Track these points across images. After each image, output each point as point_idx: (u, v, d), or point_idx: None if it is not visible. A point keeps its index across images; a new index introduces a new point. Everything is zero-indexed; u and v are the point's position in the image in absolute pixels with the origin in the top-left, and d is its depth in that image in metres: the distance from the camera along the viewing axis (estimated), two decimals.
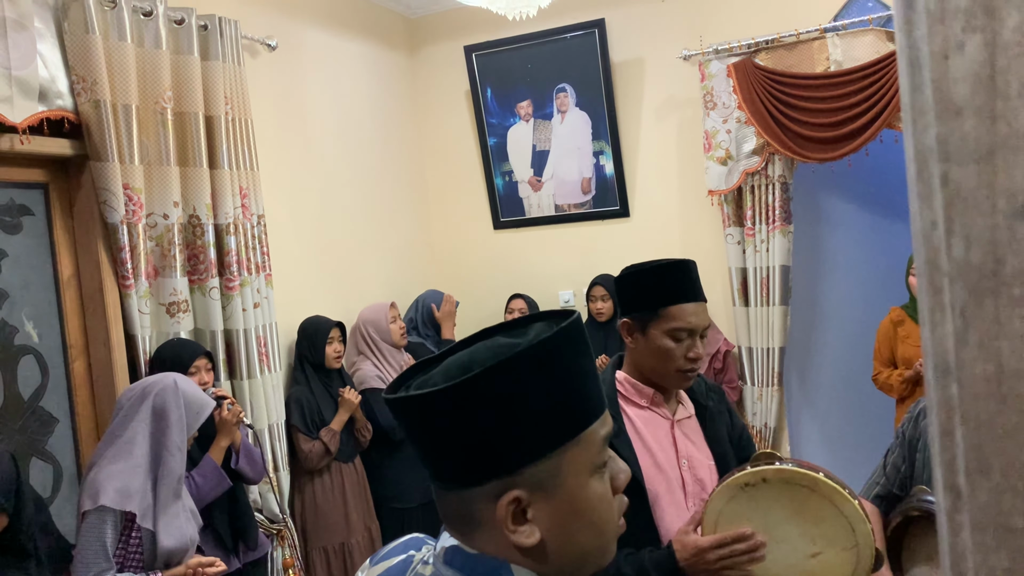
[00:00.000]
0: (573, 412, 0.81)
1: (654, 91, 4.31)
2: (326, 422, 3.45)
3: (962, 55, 0.32)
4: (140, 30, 2.85)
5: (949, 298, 0.33)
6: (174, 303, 2.92)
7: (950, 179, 0.33)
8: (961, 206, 0.32)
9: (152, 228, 2.89)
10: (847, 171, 4.22)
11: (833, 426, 4.72)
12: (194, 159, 3.02)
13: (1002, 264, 0.32)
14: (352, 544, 3.47)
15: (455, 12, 4.63)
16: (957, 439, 0.33)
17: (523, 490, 0.79)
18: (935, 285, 0.33)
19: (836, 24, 3.82)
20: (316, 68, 3.98)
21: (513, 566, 0.81)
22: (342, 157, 4.12)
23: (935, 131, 0.33)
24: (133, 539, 2.23)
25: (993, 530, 0.33)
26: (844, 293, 4.73)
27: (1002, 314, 0.32)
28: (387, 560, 0.95)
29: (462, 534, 0.83)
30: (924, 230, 0.33)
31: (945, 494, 0.34)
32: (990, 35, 0.31)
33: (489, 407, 0.77)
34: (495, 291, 4.61)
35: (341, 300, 3.95)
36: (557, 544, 0.81)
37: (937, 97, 0.33)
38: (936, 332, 0.33)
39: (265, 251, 3.32)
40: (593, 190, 4.47)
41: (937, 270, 0.33)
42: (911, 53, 0.33)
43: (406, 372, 0.88)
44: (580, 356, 0.82)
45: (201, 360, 2.82)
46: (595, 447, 0.82)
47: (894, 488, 1.85)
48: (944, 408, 0.33)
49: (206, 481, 2.71)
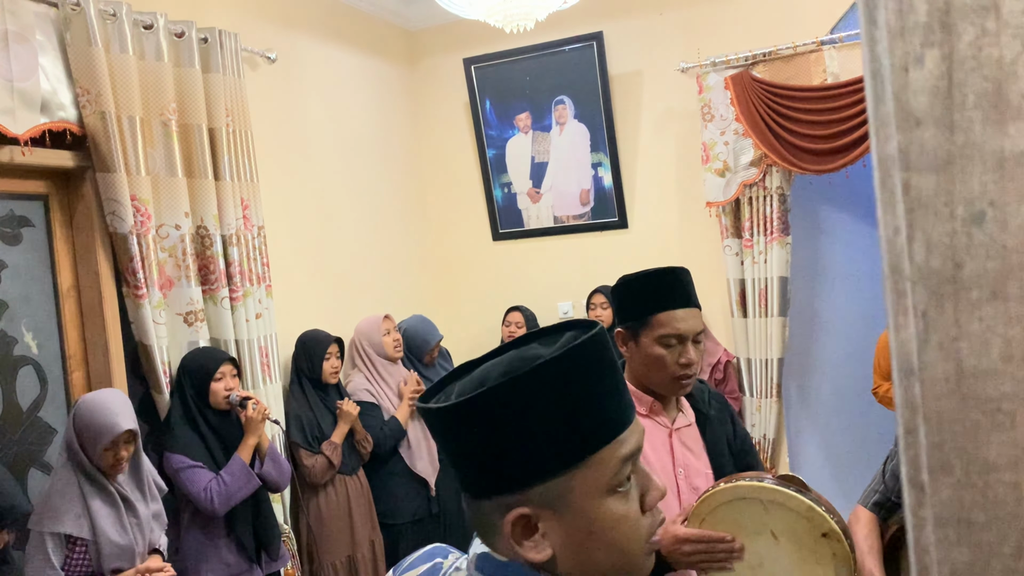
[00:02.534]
0: (582, 434, 0.78)
1: (652, 103, 4.33)
2: (326, 436, 3.43)
3: (921, 68, 0.33)
4: (141, 43, 2.87)
5: (912, 301, 0.34)
6: (191, 312, 2.97)
7: (911, 187, 0.34)
8: (921, 212, 0.34)
9: (163, 239, 2.92)
10: (845, 183, 4.23)
11: (832, 438, 4.72)
12: (200, 170, 3.04)
13: (960, 268, 0.33)
14: (358, 558, 3.46)
15: (454, 25, 4.66)
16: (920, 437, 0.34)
17: (530, 508, 0.78)
18: (898, 289, 0.34)
19: (833, 37, 3.84)
20: (316, 80, 4.00)
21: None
22: (341, 169, 4.14)
23: (896, 141, 0.34)
24: (78, 549, 2.27)
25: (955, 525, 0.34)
26: (842, 305, 4.74)
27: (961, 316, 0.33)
28: (414, 569, 0.94)
29: (488, 541, 0.83)
30: (888, 236, 0.35)
31: (910, 490, 0.35)
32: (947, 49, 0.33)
33: (491, 425, 0.77)
34: (494, 303, 4.62)
35: (339, 311, 3.96)
36: (573, 561, 0.80)
37: (898, 108, 0.34)
38: (900, 335, 0.35)
39: (265, 262, 3.34)
40: (592, 202, 4.49)
41: (900, 274, 0.34)
42: (874, 66, 0.34)
43: (446, 377, 0.88)
44: (596, 375, 0.79)
45: (226, 366, 2.89)
46: (610, 468, 0.79)
47: (892, 496, 1.85)
48: (908, 407, 0.35)
49: (235, 479, 2.74)
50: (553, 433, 0.77)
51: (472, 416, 0.77)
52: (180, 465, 2.75)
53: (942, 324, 0.34)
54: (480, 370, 0.84)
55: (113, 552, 2.29)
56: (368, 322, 3.85)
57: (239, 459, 2.80)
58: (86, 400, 2.37)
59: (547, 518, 0.79)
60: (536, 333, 0.88)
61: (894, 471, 1.86)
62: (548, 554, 0.79)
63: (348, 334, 3.86)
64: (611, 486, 0.79)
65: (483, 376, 0.81)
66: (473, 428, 0.78)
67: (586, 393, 0.78)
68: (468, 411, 0.77)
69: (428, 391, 0.88)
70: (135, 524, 2.39)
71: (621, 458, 0.80)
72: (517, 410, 0.76)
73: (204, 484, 2.72)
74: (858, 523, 1.86)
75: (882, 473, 1.90)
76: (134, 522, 2.39)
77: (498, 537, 0.81)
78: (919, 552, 0.35)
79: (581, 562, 0.80)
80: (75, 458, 2.31)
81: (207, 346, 3.01)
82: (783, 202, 4.02)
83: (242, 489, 2.76)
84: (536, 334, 0.88)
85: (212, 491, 2.71)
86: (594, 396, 0.79)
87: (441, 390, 0.87)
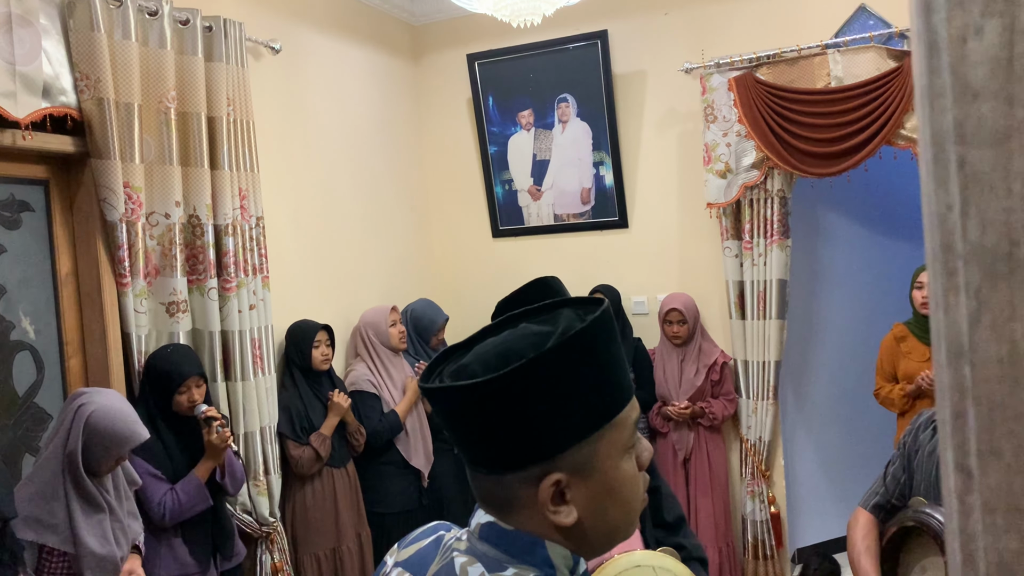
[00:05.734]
0: (610, 396, 0.84)
1: (655, 103, 4.33)
2: (315, 427, 3.42)
3: (980, 39, 0.32)
4: (145, 29, 2.85)
5: (963, 280, 0.33)
6: (173, 303, 2.92)
7: (967, 162, 0.33)
8: (977, 189, 0.33)
9: (153, 227, 2.89)
10: (846, 187, 4.23)
11: (827, 441, 4.72)
12: (196, 159, 3.02)
13: (1017, 247, 0.32)
14: (343, 550, 3.45)
15: (458, 20, 4.65)
16: (969, 420, 0.33)
17: (563, 473, 0.82)
18: (949, 267, 0.33)
19: (838, 40, 3.84)
20: (319, 72, 3.99)
21: (547, 543, 0.84)
22: (343, 161, 4.13)
23: (952, 114, 0.33)
24: (55, 557, 2.24)
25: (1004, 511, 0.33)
26: (840, 308, 4.74)
27: (1016, 296, 0.32)
28: (417, 543, 0.97)
29: (499, 513, 0.86)
30: (939, 213, 0.34)
31: (956, 475, 0.34)
32: (1008, 20, 0.32)
33: (532, 396, 0.80)
34: (494, 298, 4.57)
35: (338, 305, 3.95)
36: (592, 522, 0.85)
37: (954, 80, 0.33)
38: (949, 314, 0.34)
39: (263, 253, 3.32)
40: (592, 200, 4.48)
41: (951, 252, 0.33)
42: (929, 36, 0.33)
43: (436, 359, 0.90)
44: (613, 343, 0.85)
45: (192, 379, 2.78)
46: (628, 429, 0.86)
47: (893, 498, 1.86)
48: (956, 390, 0.34)
49: (188, 499, 2.71)
50: (587, 397, 0.82)
51: (511, 388, 0.79)
52: (140, 470, 2.70)
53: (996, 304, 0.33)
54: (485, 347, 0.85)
55: (94, 564, 2.27)
56: (375, 312, 3.86)
57: (196, 479, 2.74)
58: (101, 408, 2.30)
59: (575, 483, 0.83)
60: (522, 313, 0.91)
61: (895, 475, 1.87)
62: (575, 518, 0.83)
63: (345, 327, 3.85)
64: (627, 446, 0.86)
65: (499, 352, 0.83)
66: (510, 401, 0.80)
67: (611, 357, 0.84)
68: (508, 384, 0.79)
69: (422, 377, 0.89)
70: (118, 529, 2.37)
71: (635, 419, 0.88)
72: (558, 377, 0.80)
73: (159, 498, 2.68)
74: (857, 524, 1.88)
75: (883, 476, 1.91)
76: (117, 527, 2.37)
77: (520, 509, 0.84)
78: (964, 540, 0.34)
79: (598, 521, 0.85)
80: (70, 462, 2.26)
81: (178, 348, 2.87)
82: (784, 205, 4.02)
83: (195, 507, 2.73)
84: (522, 314, 0.91)
85: (166, 506, 2.68)
86: (617, 360, 0.85)
87: (433, 373, 0.89)
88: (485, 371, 0.81)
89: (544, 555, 0.84)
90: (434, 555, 0.92)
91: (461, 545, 0.88)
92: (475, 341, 0.90)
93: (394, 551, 1.00)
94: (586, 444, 0.82)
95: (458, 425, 0.85)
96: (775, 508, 4.18)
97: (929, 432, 1.80)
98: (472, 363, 0.84)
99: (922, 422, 1.85)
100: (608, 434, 0.84)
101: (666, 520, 1.89)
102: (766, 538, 4.16)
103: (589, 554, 0.87)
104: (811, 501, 4.63)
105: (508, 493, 0.84)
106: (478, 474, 0.86)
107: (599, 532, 0.86)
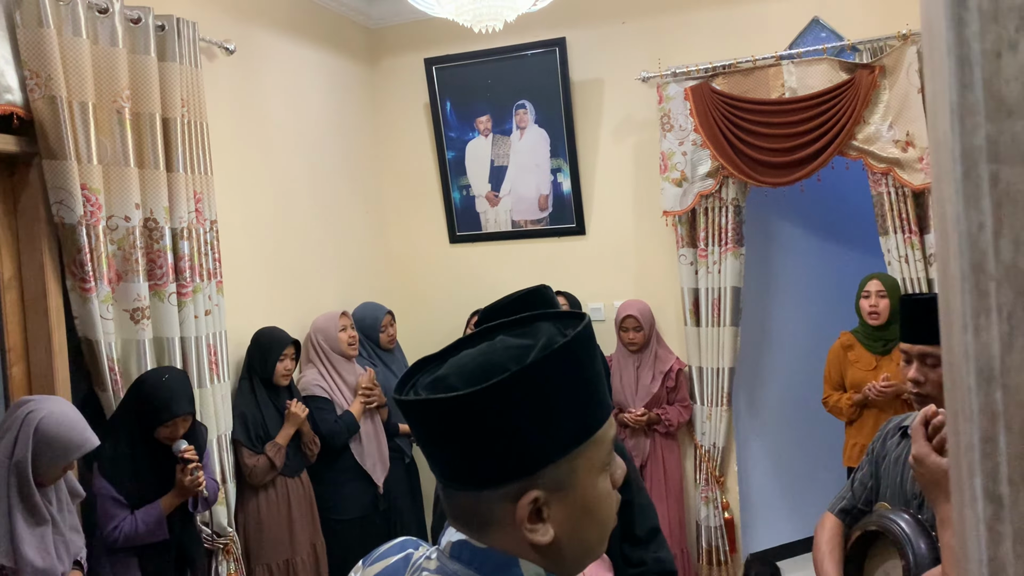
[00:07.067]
0: (591, 413, 0.82)
1: (613, 111, 4.35)
2: (271, 436, 3.37)
3: (1015, 55, 0.32)
4: (95, 27, 2.77)
5: (995, 302, 0.32)
6: (137, 309, 2.84)
7: (1000, 180, 0.32)
8: (1011, 207, 0.32)
9: (113, 231, 2.81)
10: (799, 196, 4.30)
11: (780, 446, 4.78)
12: (151, 161, 2.94)
13: None
14: (297, 562, 3.39)
15: (416, 24, 4.62)
16: (1000, 447, 0.32)
17: (542, 491, 0.80)
18: (980, 288, 0.33)
19: (792, 52, 3.90)
20: (274, 75, 3.92)
21: (521, 561, 0.82)
22: (298, 165, 4.06)
23: (985, 131, 0.32)
24: None
25: None
26: (792, 316, 4.81)
27: None
28: (384, 560, 0.94)
29: (472, 531, 0.84)
30: (970, 232, 0.33)
31: (985, 504, 0.33)
32: None
33: (513, 411, 0.77)
34: (451, 304, 4.58)
35: (294, 311, 3.88)
36: (568, 541, 0.83)
37: (988, 96, 0.32)
38: (980, 337, 0.33)
39: (217, 257, 3.25)
40: (550, 207, 4.48)
41: (983, 273, 0.32)
42: (961, 51, 0.32)
43: (410, 370, 0.88)
44: (595, 358, 0.84)
45: (181, 418, 2.71)
46: (606, 446, 0.85)
47: (859, 503, 1.88)
48: (987, 415, 0.33)
49: (147, 528, 2.65)
50: (568, 413, 0.80)
51: (492, 403, 0.77)
52: (102, 491, 2.63)
53: None
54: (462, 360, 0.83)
55: None
56: (325, 318, 3.82)
57: (158, 511, 2.67)
58: (51, 414, 2.22)
59: (552, 500, 0.81)
60: (497, 325, 0.89)
61: (863, 480, 1.89)
62: (551, 536, 0.81)
63: (301, 333, 3.79)
64: (605, 464, 0.85)
65: (479, 364, 0.80)
66: (490, 415, 0.77)
67: (594, 372, 0.83)
68: (489, 398, 0.77)
69: (396, 388, 0.86)
70: (60, 543, 2.29)
71: (612, 436, 0.86)
72: (541, 392, 0.78)
73: (116, 523, 2.62)
74: (823, 528, 1.90)
75: (851, 482, 1.93)
76: (59, 540, 2.29)
77: (495, 526, 0.82)
78: (994, 569, 0.33)
79: (572, 542, 0.83)
80: (19, 471, 2.18)
81: (175, 378, 2.76)
82: (738, 213, 4.06)
83: (151, 538, 2.67)
84: (498, 326, 0.89)
85: (121, 532, 2.62)
86: (599, 375, 0.84)
87: (407, 385, 0.86)
88: (464, 384, 0.78)
89: (518, 574, 0.82)
90: (403, 573, 0.90)
91: (431, 564, 0.86)
92: (449, 353, 0.88)
93: (359, 568, 0.97)
94: (565, 461, 0.81)
95: (433, 439, 0.82)
96: (728, 514, 4.22)
97: (896, 439, 1.83)
98: (450, 375, 0.81)
99: (891, 428, 1.87)
100: (587, 451, 0.82)
101: (636, 535, 1.88)
102: (720, 544, 4.19)
103: (562, 573, 0.85)
104: (764, 507, 4.68)
105: (483, 510, 0.82)
106: (452, 490, 0.84)
107: (574, 551, 0.84)
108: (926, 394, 1.70)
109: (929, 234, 3.74)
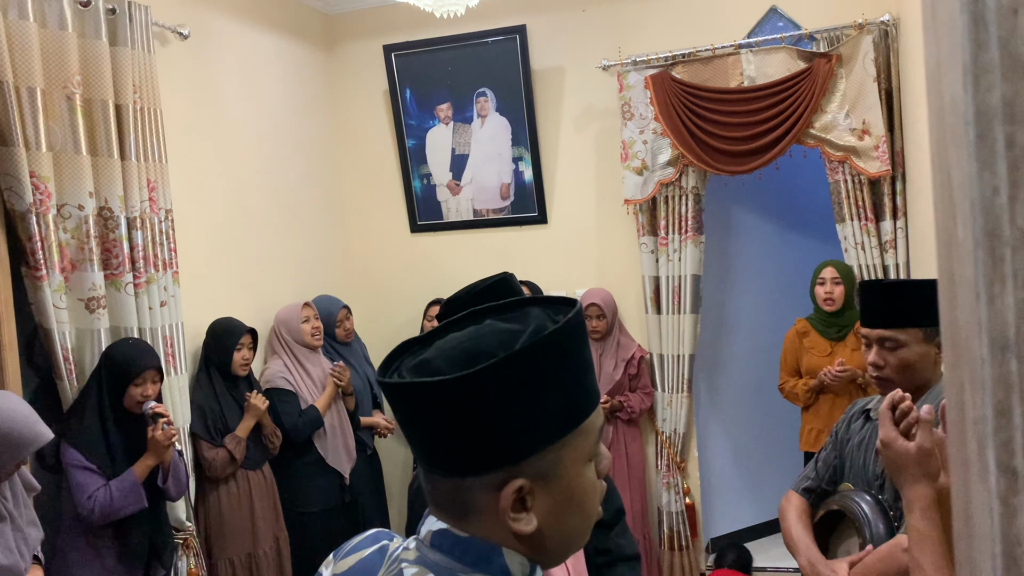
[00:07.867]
0: (579, 401, 0.81)
1: (573, 99, 4.34)
2: (230, 428, 3.32)
3: None
4: (43, 10, 2.68)
5: (1011, 268, 0.32)
6: (93, 298, 2.80)
7: (1016, 142, 0.31)
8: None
9: (66, 219, 2.74)
10: (757, 184, 4.33)
11: (739, 432, 4.83)
12: (104, 148, 2.87)
13: None
14: (259, 555, 3.34)
15: (374, 10, 4.56)
16: (1015, 419, 0.32)
17: (527, 479, 0.78)
18: (995, 255, 0.32)
19: (750, 41, 3.92)
20: (229, 61, 3.84)
21: (505, 550, 0.81)
22: (255, 153, 3.99)
23: (1000, 91, 0.31)
24: None
25: None
26: (751, 303, 4.86)
27: None
28: (357, 552, 0.91)
29: (454, 519, 0.82)
30: (983, 196, 0.32)
31: (999, 476, 0.32)
32: None
33: (500, 397, 0.75)
34: (412, 294, 4.54)
35: (252, 301, 3.82)
36: (551, 530, 0.81)
37: (1004, 55, 0.31)
38: (994, 304, 0.32)
39: (172, 247, 3.18)
40: (512, 196, 4.46)
41: (997, 239, 0.32)
42: (975, 8, 0.31)
43: (393, 352, 0.85)
44: (584, 346, 0.82)
45: (149, 372, 2.75)
46: (593, 436, 0.83)
47: (823, 483, 1.91)
48: (1001, 386, 0.32)
49: (123, 496, 2.60)
50: (556, 401, 0.78)
51: (480, 388, 0.75)
52: (73, 461, 2.61)
53: None
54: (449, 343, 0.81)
55: None
56: (287, 309, 3.77)
57: (133, 477, 2.65)
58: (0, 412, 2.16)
59: (537, 490, 0.80)
60: (485, 309, 0.87)
61: (827, 460, 1.92)
62: (535, 526, 0.80)
63: (260, 325, 3.73)
64: (591, 453, 0.83)
65: (465, 349, 0.79)
66: (477, 401, 0.75)
67: (583, 360, 0.81)
68: (476, 383, 0.74)
69: (379, 370, 0.84)
70: (19, 539, 2.22)
71: (600, 425, 0.84)
72: (529, 379, 0.76)
73: (91, 491, 2.58)
74: (790, 505, 1.93)
75: (814, 462, 1.96)
76: (18, 536, 2.22)
77: (477, 515, 0.80)
78: (1009, 543, 0.32)
79: (555, 531, 0.82)
80: None
81: (139, 342, 2.86)
82: (698, 202, 4.09)
83: (128, 507, 2.63)
84: (486, 310, 0.87)
85: (96, 501, 2.58)
86: (587, 363, 0.82)
87: (390, 367, 0.84)
88: (451, 368, 0.76)
89: (501, 563, 0.80)
90: (379, 566, 0.87)
91: (410, 555, 0.84)
92: (435, 336, 0.85)
93: (330, 562, 0.94)
94: (551, 450, 0.79)
95: (417, 424, 0.80)
96: (690, 499, 4.25)
97: (860, 422, 1.85)
98: (436, 359, 0.79)
99: (856, 411, 1.90)
100: (574, 441, 0.80)
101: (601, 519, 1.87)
102: (681, 529, 4.23)
103: (546, 563, 0.84)
104: (724, 491, 4.74)
105: (466, 498, 0.80)
106: (434, 476, 0.82)
107: (558, 541, 0.83)
108: (886, 377, 1.73)
109: (884, 221, 3.79)
